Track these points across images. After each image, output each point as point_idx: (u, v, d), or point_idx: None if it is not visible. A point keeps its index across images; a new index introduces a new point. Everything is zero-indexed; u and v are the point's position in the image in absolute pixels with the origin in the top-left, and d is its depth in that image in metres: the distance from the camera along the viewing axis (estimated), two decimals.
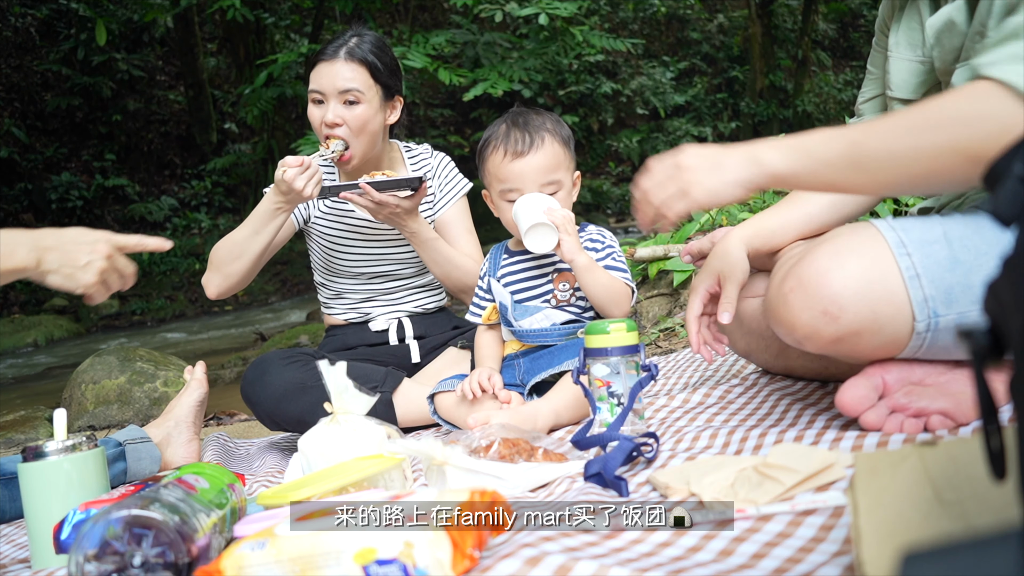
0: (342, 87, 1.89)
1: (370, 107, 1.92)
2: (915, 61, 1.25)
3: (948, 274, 1.00)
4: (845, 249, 1.03)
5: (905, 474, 0.65)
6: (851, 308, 1.01)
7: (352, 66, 1.90)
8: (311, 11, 9.29)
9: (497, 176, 1.64)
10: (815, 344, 1.06)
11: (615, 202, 12.30)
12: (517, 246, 1.77)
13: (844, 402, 1.09)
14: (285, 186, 1.76)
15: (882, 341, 1.04)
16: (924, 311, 1.01)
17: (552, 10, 6.29)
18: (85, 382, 3.18)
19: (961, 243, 1.01)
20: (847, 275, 1.01)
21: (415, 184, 1.81)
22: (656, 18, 14.82)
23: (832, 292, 1.01)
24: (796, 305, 1.05)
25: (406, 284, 2.11)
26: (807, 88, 12.99)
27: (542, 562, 0.78)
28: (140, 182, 11.09)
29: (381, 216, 1.84)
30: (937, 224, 1.03)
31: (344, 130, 1.91)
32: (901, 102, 1.28)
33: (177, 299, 8.89)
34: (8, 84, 10.74)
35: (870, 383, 1.09)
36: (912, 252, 1.01)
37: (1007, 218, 0.45)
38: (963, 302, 1.00)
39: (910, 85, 1.26)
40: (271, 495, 1.09)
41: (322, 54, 1.93)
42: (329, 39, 1.98)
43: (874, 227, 1.04)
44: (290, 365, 1.84)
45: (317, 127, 1.94)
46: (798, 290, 1.04)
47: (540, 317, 1.65)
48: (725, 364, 1.86)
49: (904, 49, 1.27)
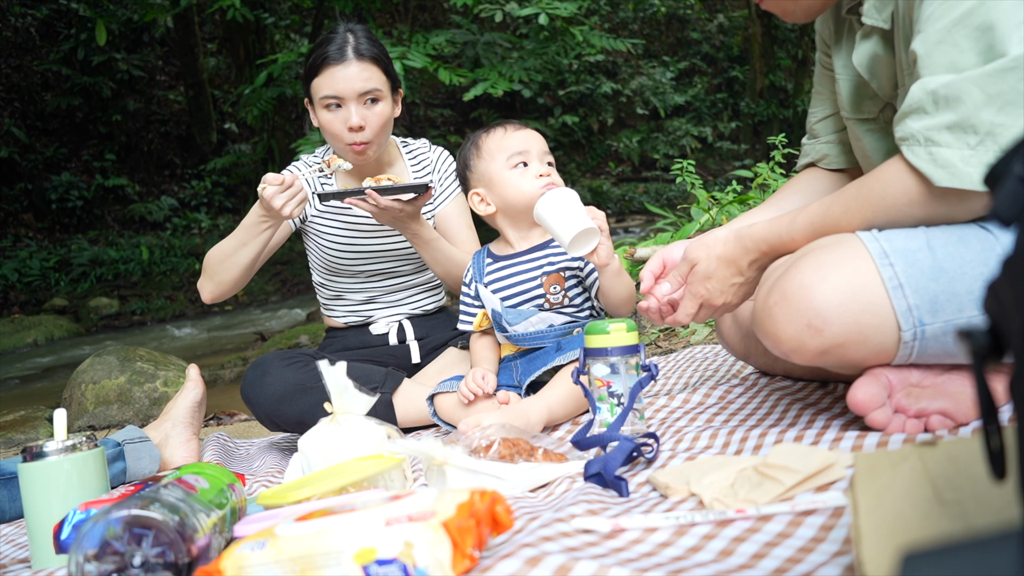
0: (362, 88, 1.87)
1: (387, 103, 1.92)
2: (861, 81, 1.26)
3: (932, 283, 1.00)
4: (828, 261, 1.03)
5: (905, 474, 0.65)
6: (835, 320, 1.01)
7: (365, 65, 1.88)
8: (311, 11, 9.28)
9: (502, 147, 1.68)
10: (801, 356, 1.06)
11: (615, 202, 12.30)
12: (501, 249, 1.76)
13: (857, 400, 1.08)
14: (266, 203, 1.74)
15: (868, 352, 1.04)
16: (909, 320, 1.01)
17: (552, 10, 6.29)
18: (85, 382, 3.18)
19: (945, 251, 1.01)
20: (830, 288, 1.01)
21: (419, 189, 1.78)
22: (656, 18, 14.82)
23: (815, 305, 1.02)
24: (781, 318, 1.05)
25: (406, 282, 2.11)
26: (807, 88, 12.96)
27: (542, 562, 0.78)
28: (140, 182, 11.08)
29: (384, 219, 1.83)
30: (920, 233, 1.03)
31: (368, 132, 1.89)
32: (857, 121, 1.28)
33: (177, 299, 8.89)
34: (8, 84, 10.74)
35: (879, 381, 1.08)
36: (895, 262, 1.01)
37: (1007, 218, 0.45)
38: (949, 310, 1.00)
39: (862, 104, 1.27)
40: (271, 495, 1.09)
41: (324, 57, 1.87)
42: (319, 40, 1.93)
43: (857, 238, 1.05)
44: (290, 366, 1.84)
45: (339, 132, 1.89)
46: (782, 304, 1.05)
47: (535, 320, 1.64)
48: (725, 364, 1.86)
49: (850, 70, 1.27)
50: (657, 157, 13.30)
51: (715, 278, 1.21)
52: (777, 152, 3.26)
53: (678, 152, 13.09)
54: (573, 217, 1.48)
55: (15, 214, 10.00)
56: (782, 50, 13.92)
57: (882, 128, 1.25)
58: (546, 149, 1.71)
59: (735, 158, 13.46)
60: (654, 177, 13.11)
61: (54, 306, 8.60)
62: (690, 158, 4.35)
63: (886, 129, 1.23)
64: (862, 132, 1.28)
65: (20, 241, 9.76)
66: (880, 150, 1.26)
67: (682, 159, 3.57)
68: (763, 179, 3.20)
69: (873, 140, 1.27)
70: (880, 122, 1.25)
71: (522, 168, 1.66)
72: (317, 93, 1.89)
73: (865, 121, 1.27)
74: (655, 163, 13.36)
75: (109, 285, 9.14)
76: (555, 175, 1.68)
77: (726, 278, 1.21)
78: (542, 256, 1.69)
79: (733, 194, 3.22)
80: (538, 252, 1.70)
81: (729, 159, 13.59)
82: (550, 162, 1.70)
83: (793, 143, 3.68)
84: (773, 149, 3.33)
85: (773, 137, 3.45)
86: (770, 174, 3.18)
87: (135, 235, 10.22)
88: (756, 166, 3.27)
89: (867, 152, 1.28)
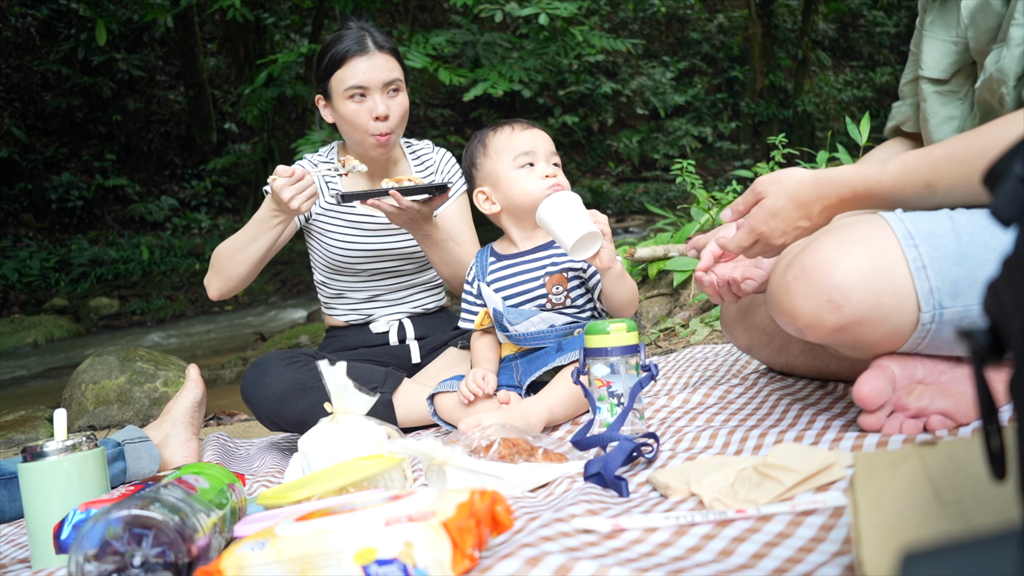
0: (387, 78, 1.91)
1: (405, 94, 1.97)
2: (948, 41, 1.25)
3: (955, 267, 1.00)
4: (851, 238, 1.02)
5: (905, 474, 0.65)
6: (855, 297, 1.00)
7: (386, 56, 1.92)
8: (311, 11, 9.29)
9: (509, 146, 1.67)
10: (817, 333, 1.05)
11: (615, 202, 12.30)
12: (504, 248, 1.76)
13: (863, 394, 1.07)
14: (276, 195, 1.74)
15: (885, 331, 1.03)
16: (930, 302, 1.00)
17: (552, 10, 6.29)
18: (85, 382, 3.18)
19: (971, 238, 1.01)
20: (852, 264, 1.01)
21: (439, 189, 1.78)
22: (656, 18, 14.82)
23: (836, 281, 1.01)
24: (799, 293, 1.04)
25: (407, 282, 2.11)
26: (807, 88, 12.98)
27: (542, 562, 0.78)
28: (140, 182, 11.09)
29: (400, 220, 1.83)
30: (946, 218, 1.03)
31: (391, 121, 1.93)
32: (930, 82, 1.27)
33: (177, 299, 8.89)
34: (8, 84, 10.74)
35: (885, 376, 1.08)
36: (920, 244, 1.01)
37: (1007, 218, 0.45)
38: (969, 296, 1.00)
39: (941, 65, 1.26)
40: (271, 495, 1.09)
41: (344, 51, 1.90)
42: (332, 38, 1.96)
43: (882, 218, 1.04)
44: (290, 366, 1.84)
45: (363, 123, 1.91)
46: (801, 278, 1.04)
47: (537, 320, 1.64)
48: (725, 364, 1.86)
49: (939, 29, 1.26)
50: (657, 157, 13.30)
51: (781, 216, 1.16)
52: (777, 152, 3.26)
53: (678, 152, 13.09)
54: (575, 221, 1.48)
55: (15, 214, 10.00)
56: (782, 50, 13.92)
57: (949, 93, 1.25)
58: (553, 150, 1.71)
59: (735, 158, 13.47)
60: (654, 177, 13.12)
61: (54, 306, 8.60)
62: (690, 158, 4.35)
63: (953, 94, 1.23)
64: (929, 92, 1.27)
65: (20, 241, 9.76)
66: (939, 115, 1.25)
67: (682, 159, 3.57)
68: None
69: (936, 103, 1.26)
70: (950, 86, 1.24)
71: (528, 168, 1.66)
72: (341, 85, 1.91)
73: (936, 82, 1.26)
74: (655, 163, 13.37)
75: (109, 285, 9.14)
76: (561, 176, 1.68)
77: (792, 219, 1.16)
78: (545, 256, 1.69)
79: (733, 194, 3.22)
80: (541, 252, 1.70)
81: (729, 159, 13.59)
82: (556, 163, 1.70)
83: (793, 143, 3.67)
84: (773, 149, 3.33)
85: (773, 137, 3.45)
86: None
87: (135, 235, 10.22)
88: (756, 166, 3.26)
89: (927, 115, 1.27)
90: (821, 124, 13.27)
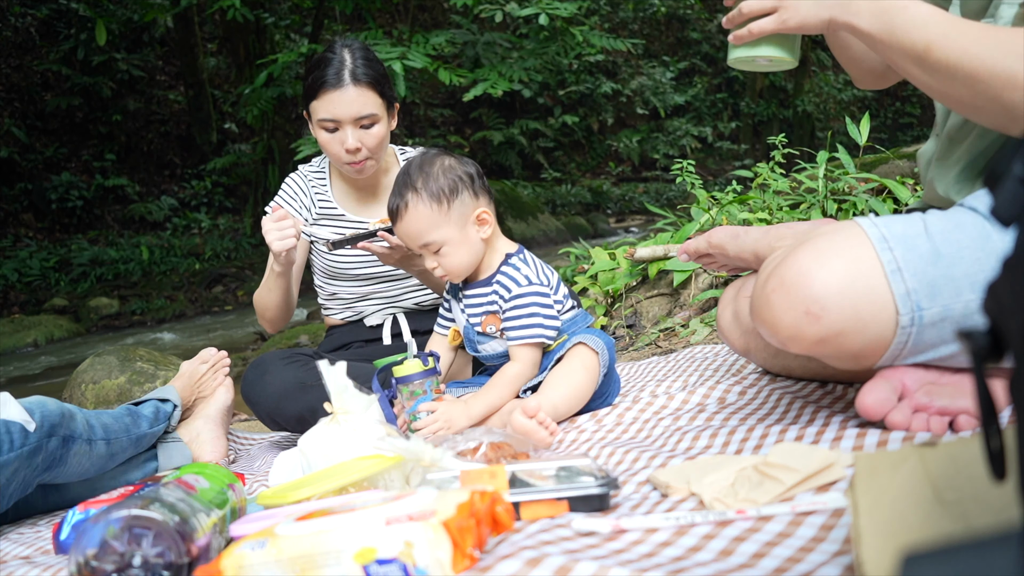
0: (358, 113, 1.88)
1: (383, 124, 1.95)
2: None
3: (930, 267, 0.99)
4: (827, 248, 1.02)
5: (905, 474, 0.65)
6: (834, 307, 1.00)
7: (361, 90, 1.88)
8: (311, 11, 9.29)
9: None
10: (799, 345, 1.05)
11: (615, 202, 12.30)
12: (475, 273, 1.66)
13: (866, 405, 1.06)
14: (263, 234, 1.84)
15: (866, 340, 1.02)
16: (907, 304, 1.00)
17: (552, 10, 6.30)
18: (85, 382, 3.18)
19: (943, 236, 1.01)
20: (828, 274, 1.00)
21: None
22: (656, 18, 14.83)
23: (814, 292, 1.00)
24: (779, 306, 1.04)
25: (401, 283, 2.12)
26: (807, 88, 12.99)
27: (542, 562, 0.78)
28: (140, 182, 11.09)
29: (391, 260, 1.84)
30: (918, 219, 1.03)
31: (364, 152, 1.93)
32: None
33: (177, 299, 8.88)
34: (8, 84, 10.74)
35: (889, 384, 1.07)
36: (894, 246, 1.00)
37: (1007, 218, 0.45)
38: (946, 295, 0.99)
39: None
40: (271, 495, 1.09)
41: (322, 82, 1.87)
42: (317, 59, 1.93)
43: (857, 225, 1.04)
44: (290, 365, 1.84)
45: (336, 153, 1.92)
46: (780, 291, 1.03)
47: (497, 344, 1.62)
48: (725, 364, 1.86)
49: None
50: (657, 157, 13.31)
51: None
52: (777, 152, 3.26)
53: (678, 152, 13.10)
54: None
55: (15, 214, 10.00)
56: None
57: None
58: (421, 237, 1.56)
59: (735, 158, 13.48)
60: (654, 177, 13.13)
61: (54, 306, 8.60)
62: (690, 158, 4.35)
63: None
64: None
65: (20, 241, 9.76)
66: None
67: (682, 159, 3.57)
68: (763, 179, 3.20)
69: None
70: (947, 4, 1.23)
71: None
72: (315, 115, 1.92)
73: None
74: (655, 163, 13.38)
75: (109, 285, 9.14)
76: (449, 248, 1.56)
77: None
78: (491, 292, 1.60)
79: (733, 194, 3.22)
80: (487, 287, 1.61)
81: (729, 159, 13.60)
82: (428, 243, 1.56)
83: (793, 143, 3.67)
84: (773, 149, 3.33)
85: (773, 137, 3.45)
86: (770, 174, 3.17)
87: (135, 235, 10.22)
88: (756, 166, 3.26)
89: None
90: (821, 124, 13.28)
